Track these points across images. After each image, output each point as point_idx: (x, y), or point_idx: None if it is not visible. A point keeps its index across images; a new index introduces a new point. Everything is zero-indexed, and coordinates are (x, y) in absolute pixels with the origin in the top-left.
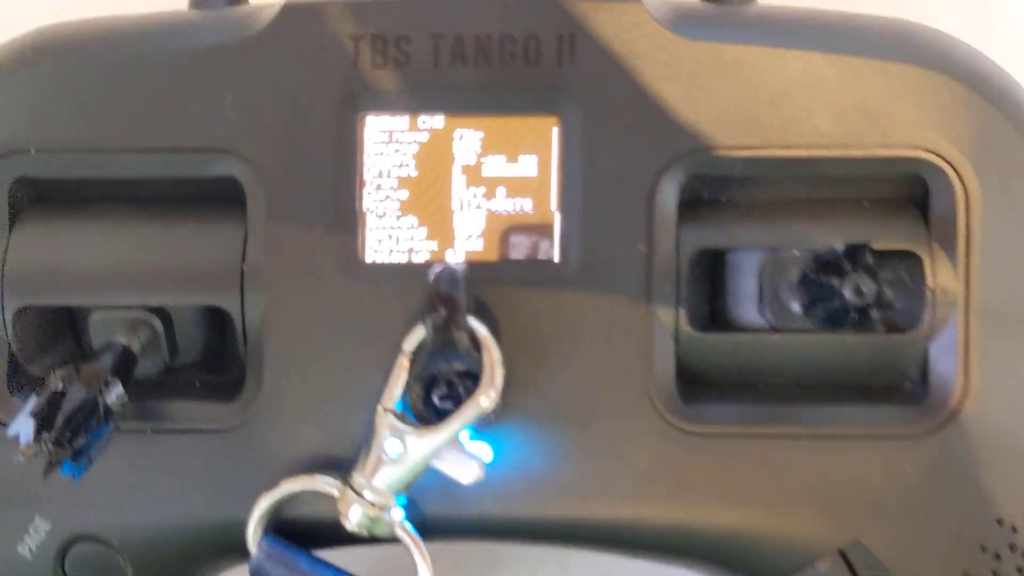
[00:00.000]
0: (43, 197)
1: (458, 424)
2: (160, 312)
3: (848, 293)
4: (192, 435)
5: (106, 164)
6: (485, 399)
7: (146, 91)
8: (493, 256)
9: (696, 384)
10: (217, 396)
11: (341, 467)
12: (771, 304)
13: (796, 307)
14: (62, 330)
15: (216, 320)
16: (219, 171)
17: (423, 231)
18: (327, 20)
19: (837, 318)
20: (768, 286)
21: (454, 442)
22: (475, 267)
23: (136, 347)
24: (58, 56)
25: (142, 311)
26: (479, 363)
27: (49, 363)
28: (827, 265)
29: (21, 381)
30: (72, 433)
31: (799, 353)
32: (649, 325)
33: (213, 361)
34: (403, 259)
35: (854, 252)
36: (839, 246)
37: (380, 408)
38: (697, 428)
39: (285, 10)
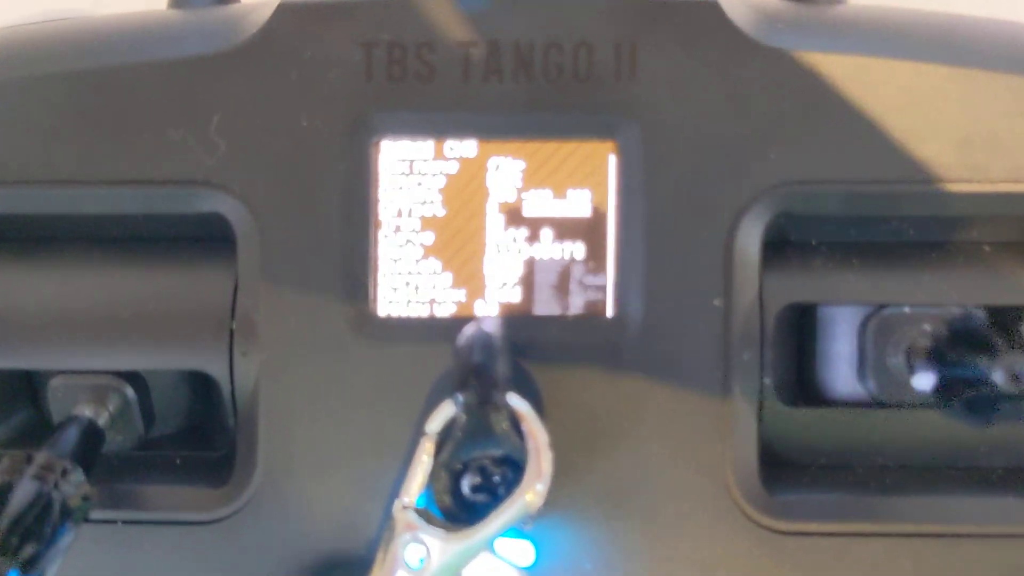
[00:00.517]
0: None
1: (496, 526)
2: (133, 377)
3: (1000, 377)
4: (172, 527)
5: (69, 199)
6: (531, 494)
7: (115, 112)
8: (532, 310)
9: (783, 470)
10: (202, 478)
11: (350, 569)
12: (875, 372)
13: (921, 383)
14: (17, 396)
15: (201, 385)
16: (204, 207)
17: (447, 278)
18: (332, 23)
19: (979, 406)
20: (871, 350)
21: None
22: (511, 324)
23: (104, 420)
24: (12, 67)
25: (111, 376)
26: (520, 448)
27: (2, 436)
28: (968, 337)
29: None
30: (20, 539)
31: (908, 432)
32: (727, 398)
33: (197, 434)
34: (423, 312)
35: (1002, 319)
36: (982, 313)
37: (398, 503)
38: (785, 525)
39: (281, 10)
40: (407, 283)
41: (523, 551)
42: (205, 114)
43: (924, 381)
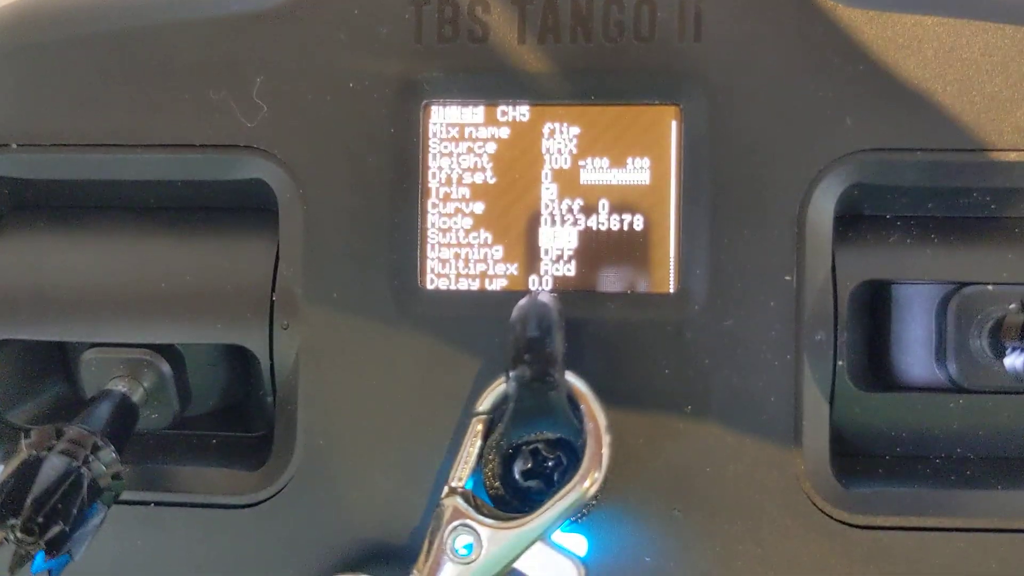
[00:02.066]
0: (26, 202)
1: (550, 516)
2: (169, 351)
3: None
4: (206, 511)
5: (104, 164)
6: (589, 481)
7: (153, 73)
8: (589, 285)
9: (856, 460)
10: (238, 460)
11: (394, 559)
12: (956, 355)
13: (1014, 365)
14: (50, 370)
15: (239, 360)
16: (245, 173)
17: (499, 251)
18: None
19: None
20: (952, 331)
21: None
22: (566, 299)
23: (138, 396)
24: (47, 29)
25: (146, 350)
26: (577, 431)
27: (33, 411)
28: None
29: None
30: (48, 517)
31: (991, 420)
32: (797, 381)
33: (234, 412)
34: (473, 286)
35: None
36: None
37: (447, 487)
38: (858, 519)
39: None
40: (456, 255)
41: (576, 543)
42: (248, 75)
43: (1016, 362)
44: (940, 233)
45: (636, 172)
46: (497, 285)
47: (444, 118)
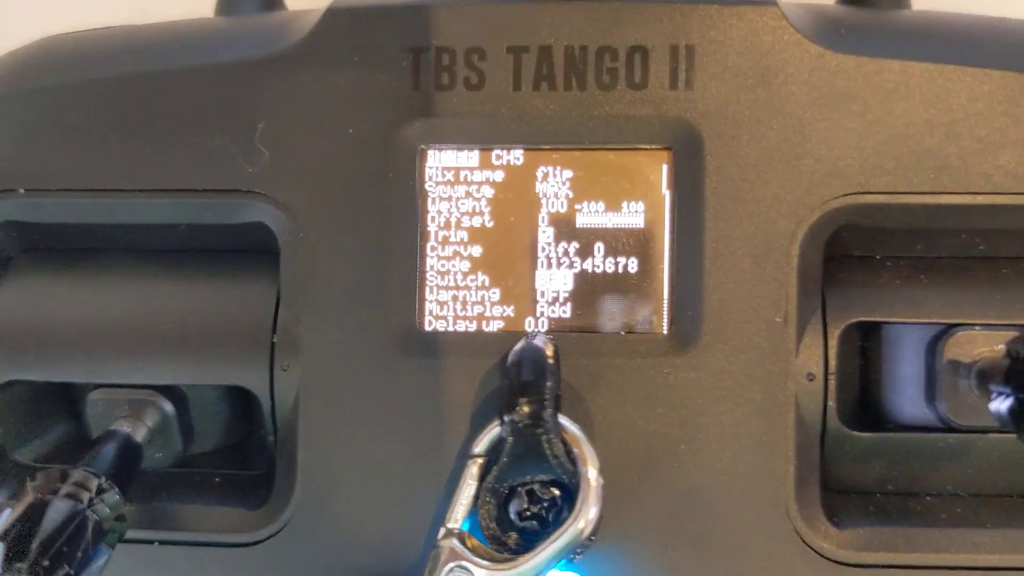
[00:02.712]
0: (34, 245)
1: (545, 557)
2: (172, 392)
3: None
4: (208, 549)
5: (108, 208)
6: (583, 522)
7: (157, 119)
8: (585, 326)
9: (846, 498)
10: (240, 498)
11: None
12: (945, 395)
13: (998, 406)
14: (56, 410)
15: (241, 402)
16: (246, 218)
17: (496, 293)
18: (381, 27)
19: None
20: (941, 371)
21: None
22: (562, 340)
23: (142, 436)
24: (54, 75)
25: (150, 391)
26: (572, 473)
27: (40, 450)
28: None
29: (4, 475)
30: (53, 561)
31: (980, 459)
32: (788, 421)
33: (236, 451)
34: (471, 328)
35: None
36: None
37: (443, 529)
38: (848, 555)
39: (330, 14)
40: (454, 297)
41: None
42: (249, 121)
43: (1000, 404)
44: (929, 274)
45: (631, 216)
46: (494, 327)
47: (440, 162)
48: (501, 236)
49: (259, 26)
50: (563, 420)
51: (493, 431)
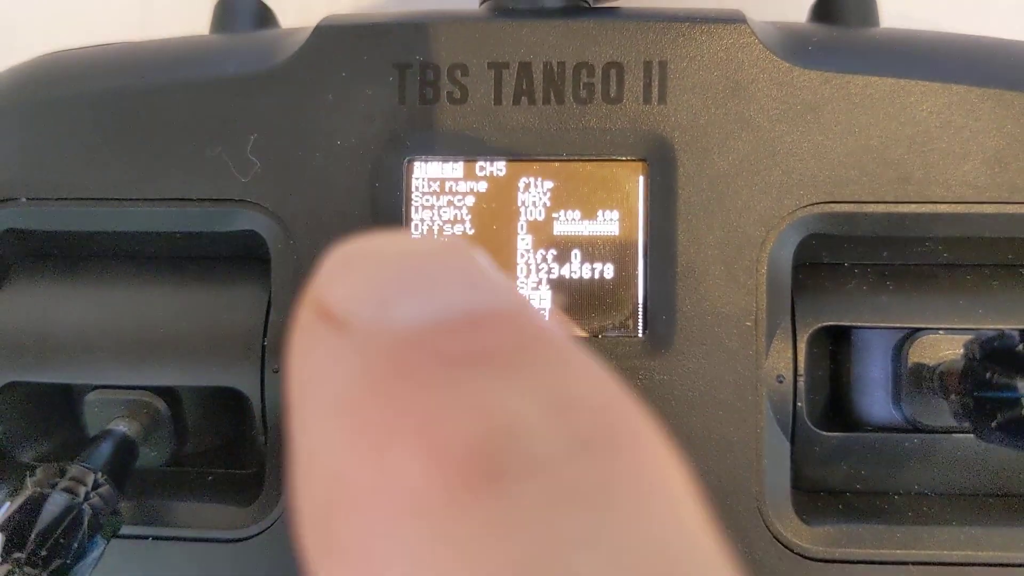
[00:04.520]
0: (34, 252)
1: None
2: (167, 393)
3: None
4: (201, 545)
5: (107, 216)
6: None
7: (153, 131)
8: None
9: (817, 497)
10: (232, 496)
11: None
12: (910, 396)
13: (954, 408)
14: (56, 411)
15: (234, 403)
16: (239, 226)
17: None
18: (368, 44)
19: (1017, 430)
20: (907, 375)
21: None
22: None
23: (138, 435)
24: (55, 89)
25: (146, 392)
26: None
27: (41, 450)
28: (1001, 357)
29: (5, 473)
30: (50, 552)
31: (946, 459)
32: (758, 422)
33: (229, 452)
34: None
35: None
36: (1015, 333)
37: None
38: (820, 552)
39: (319, 32)
40: None
41: None
42: (242, 133)
43: (958, 403)
44: (895, 280)
45: (606, 224)
46: None
47: (426, 173)
48: (481, 243)
49: (252, 43)
50: None
51: None
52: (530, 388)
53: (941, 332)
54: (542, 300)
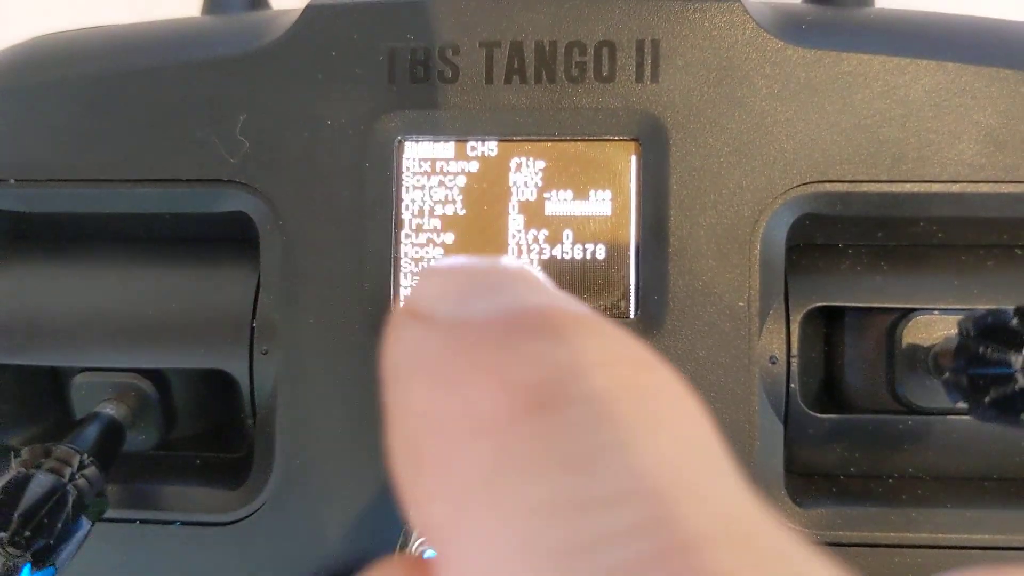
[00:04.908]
0: (23, 234)
1: None
2: (155, 375)
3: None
4: (189, 528)
5: (97, 198)
6: None
7: (142, 112)
8: None
9: (810, 478)
10: (219, 479)
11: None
12: (904, 377)
13: (948, 386)
14: (45, 394)
15: (221, 385)
16: (228, 206)
17: None
18: (358, 24)
19: (1010, 406)
20: (901, 356)
21: None
22: None
23: (125, 418)
24: (44, 71)
25: (133, 374)
26: None
27: (29, 434)
28: (994, 334)
29: None
30: (34, 531)
31: (941, 441)
32: (751, 403)
33: (217, 434)
34: None
35: None
36: (1009, 309)
37: None
38: (812, 534)
39: (308, 12)
40: None
41: None
42: (231, 114)
43: (952, 382)
44: (889, 261)
45: (598, 204)
46: None
47: (417, 153)
48: (472, 224)
49: (243, 24)
50: None
51: None
52: (577, 347)
53: (935, 313)
54: None
